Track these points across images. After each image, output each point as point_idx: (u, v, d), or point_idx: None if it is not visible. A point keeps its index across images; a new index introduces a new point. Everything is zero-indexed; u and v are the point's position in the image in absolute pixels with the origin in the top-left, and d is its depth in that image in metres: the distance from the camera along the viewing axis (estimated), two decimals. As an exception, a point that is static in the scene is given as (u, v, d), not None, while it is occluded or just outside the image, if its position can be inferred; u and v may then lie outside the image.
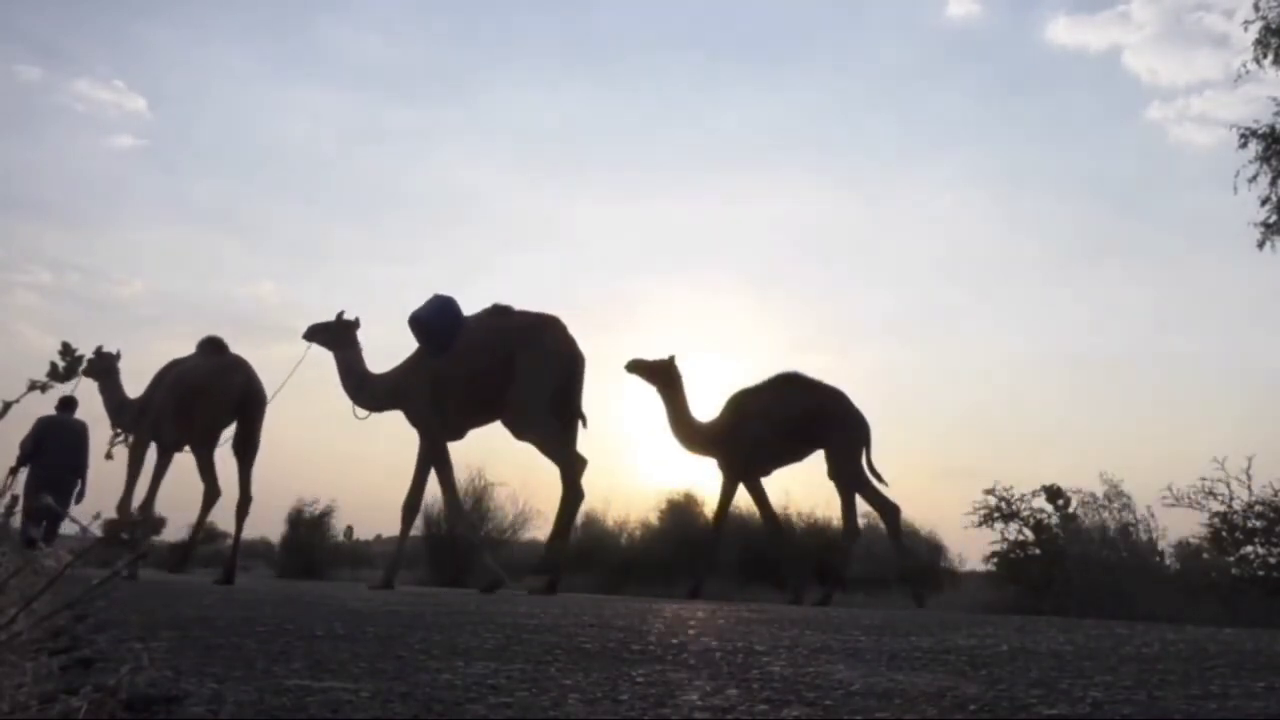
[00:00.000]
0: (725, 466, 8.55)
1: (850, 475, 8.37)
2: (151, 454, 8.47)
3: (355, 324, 8.31)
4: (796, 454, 8.62)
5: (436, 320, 7.62)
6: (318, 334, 8.26)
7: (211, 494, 8.31)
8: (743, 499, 10.70)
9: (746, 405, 8.56)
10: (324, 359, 8.26)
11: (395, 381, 7.88)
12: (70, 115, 37.50)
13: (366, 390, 8.02)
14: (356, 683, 1.73)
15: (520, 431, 7.43)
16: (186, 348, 8.85)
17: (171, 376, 8.45)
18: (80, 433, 8.82)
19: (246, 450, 8.21)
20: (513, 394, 7.29)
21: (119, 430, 8.60)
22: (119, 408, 8.70)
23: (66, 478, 8.56)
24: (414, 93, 40.44)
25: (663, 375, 8.51)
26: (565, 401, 7.42)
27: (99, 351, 8.63)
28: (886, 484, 8.39)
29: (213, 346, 8.49)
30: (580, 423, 7.55)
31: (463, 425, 7.69)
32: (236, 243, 39.63)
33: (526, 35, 38.63)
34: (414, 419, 7.72)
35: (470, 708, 1.50)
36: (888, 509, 8.36)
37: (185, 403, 8.13)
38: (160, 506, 8.58)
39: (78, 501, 8.66)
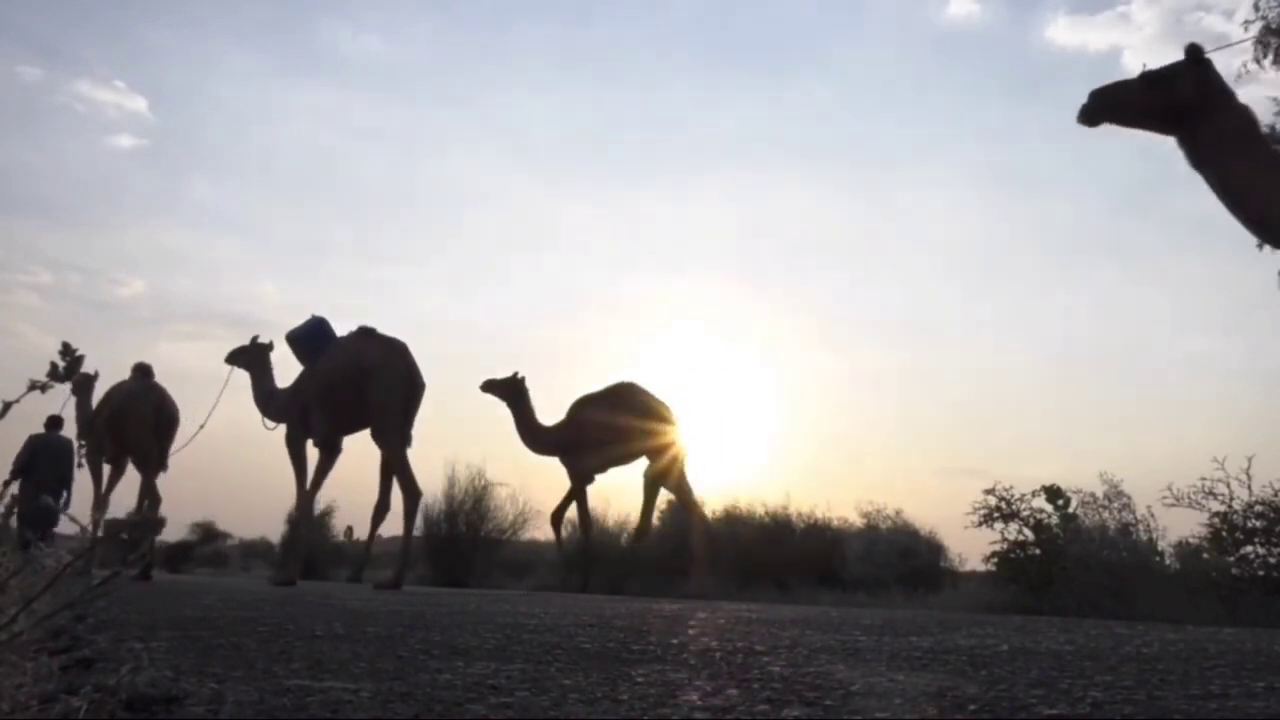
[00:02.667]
0: (568, 465, 9.71)
1: (675, 477, 9.67)
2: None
3: (269, 346, 9.49)
4: (627, 457, 9.71)
5: (304, 339, 8.84)
6: (238, 357, 9.49)
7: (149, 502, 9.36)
8: (743, 501, 10.67)
9: (585, 410, 9.70)
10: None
11: (287, 396, 8.99)
12: (71, 115, 37.52)
13: (273, 405, 9.12)
14: (356, 683, 1.73)
15: (378, 442, 8.40)
16: (187, 348, 9.71)
17: (111, 399, 9.64)
18: (66, 449, 9.80)
19: (150, 467, 9.20)
20: (370, 409, 8.29)
21: (83, 443, 9.72)
22: (84, 422, 9.82)
23: (55, 489, 9.53)
24: (414, 93, 40.46)
25: (510, 391, 9.75)
26: (404, 418, 8.43)
27: (81, 373, 9.32)
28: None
29: (140, 372, 9.59)
30: (409, 441, 8.50)
31: (330, 433, 8.65)
32: (236, 243, 39.64)
33: (526, 35, 38.65)
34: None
35: (470, 708, 1.50)
36: (697, 509, 10.04)
37: (113, 424, 9.28)
38: (168, 509, 9.47)
39: (64, 509, 9.57)
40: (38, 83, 36.75)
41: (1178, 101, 4.43)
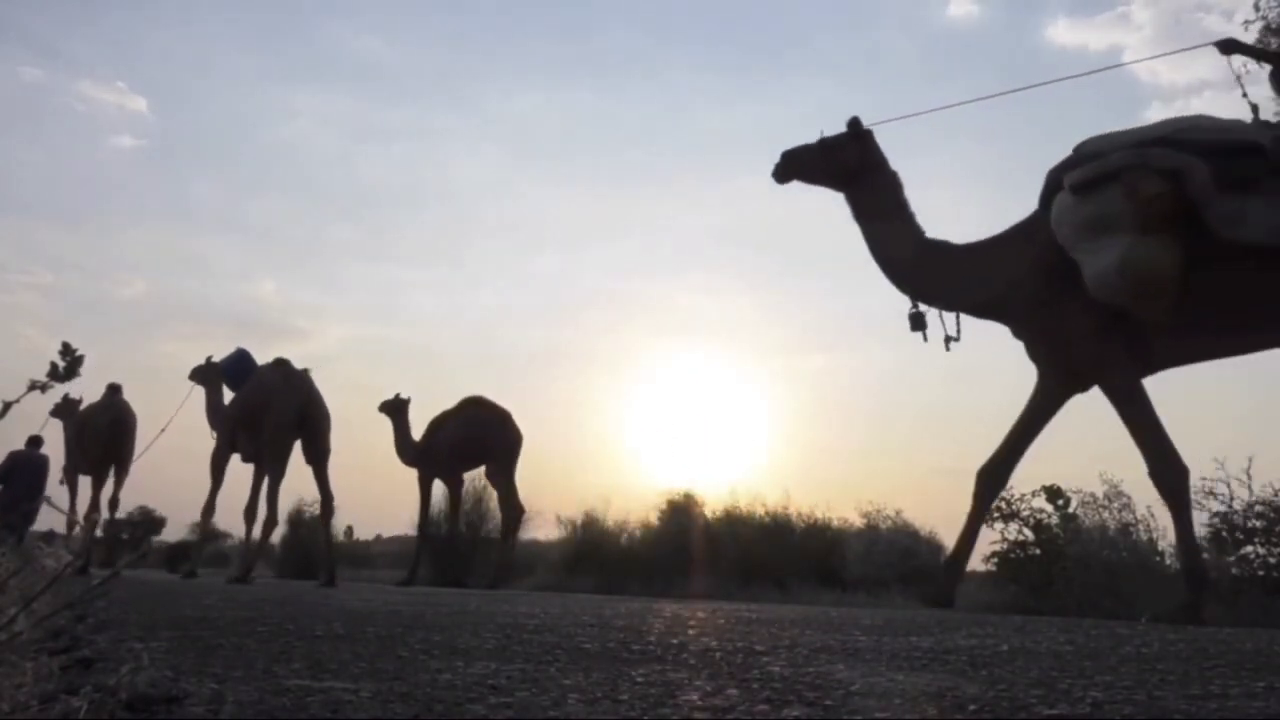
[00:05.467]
0: (423, 473, 11.29)
1: (506, 479, 11.15)
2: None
3: (220, 366, 10.54)
4: (477, 461, 11.30)
5: (231, 368, 10.07)
6: (196, 374, 10.61)
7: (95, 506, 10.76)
8: (743, 501, 10.67)
9: (440, 422, 11.24)
10: (321, 359, 9.32)
11: (224, 415, 9.97)
12: (72, 116, 37.61)
13: (219, 417, 10.17)
14: (356, 683, 1.73)
15: (260, 459, 9.51)
16: (187, 348, 10.50)
17: (82, 416, 10.83)
18: (41, 466, 10.99)
19: (118, 471, 10.60)
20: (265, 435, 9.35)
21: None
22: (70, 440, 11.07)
23: (29, 500, 10.51)
24: (414, 93, 40.50)
25: (394, 410, 11.38)
26: (310, 442, 9.40)
27: (66, 397, 11.06)
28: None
29: (109, 390, 10.78)
30: (324, 459, 9.47)
31: (255, 452, 9.60)
32: (236, 243, 39.67)
33: (526, 36, 38.67)
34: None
35: (470, 708, 1.50)
36: (516, 511, 11.23)
37: (80, 438, 10.63)
38: (169, 510, 10.52)
39: (31, 521, 10.56)
40: (39, 83, 36.84)
41: (842, 165, 5.37)
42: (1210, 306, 4.44)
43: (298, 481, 10.47)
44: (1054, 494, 8.57)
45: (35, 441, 11.19)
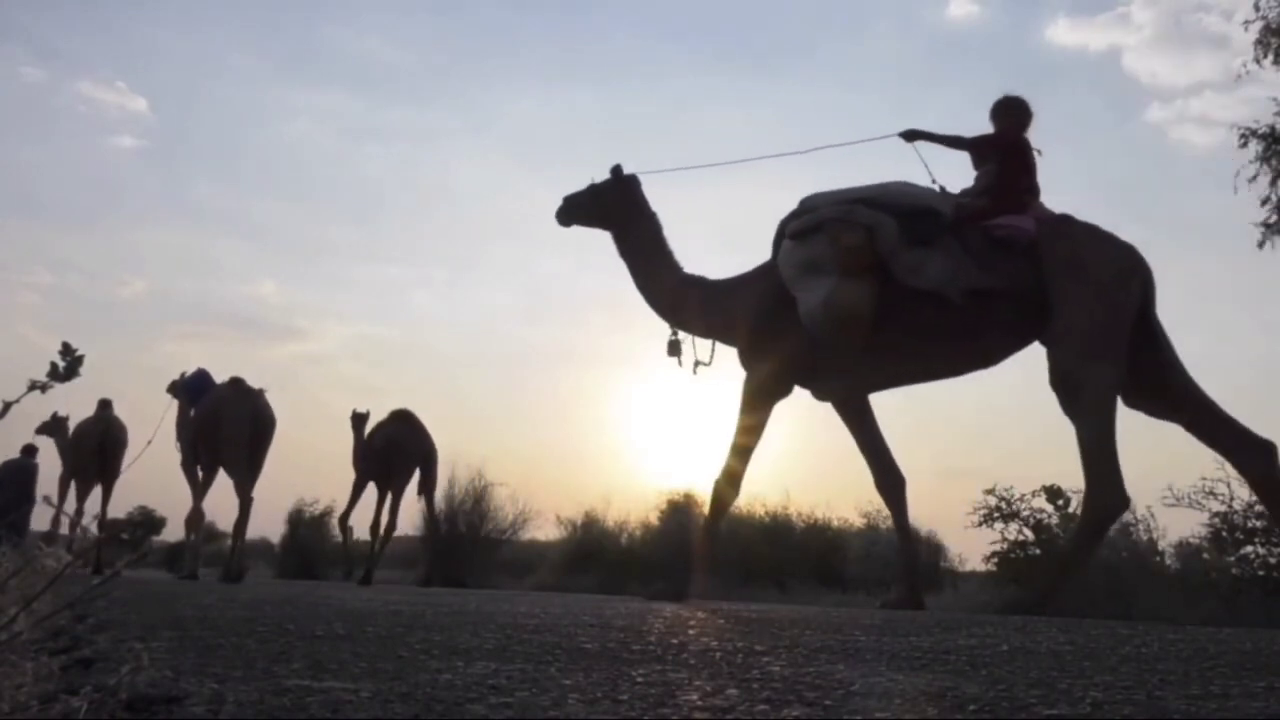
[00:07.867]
0: (376, 483, 11.65)
1: (429, 489, 11.67)
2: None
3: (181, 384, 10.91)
4: (403, 474, 11.63)
5: (190, 384, 10.45)
6: (171, 389, 10.85)
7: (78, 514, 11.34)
8: (743, 501, 10.63)
9: (372, 435, 11.69)
10: (321, 359, 9.38)
11: (187, 429, 10.40)
12: (72, 116, 37.65)
13: (183, 431, 10.55)
14: (356, 683, 1.73)
15: (227, 472, 9.96)
16: (188, 348, 10.72)
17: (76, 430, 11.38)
18: (31, 473, 11.62)
19: (106, 479, 11.15)
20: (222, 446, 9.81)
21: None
22: (63, 452, 11.54)
23: (20, 505, 11.08)
24: (414, 93, 40.53)
25: (356, 423, 11.76)
26: (253, 451, 9.86)
27: (54, 416, 11.52)
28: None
29: (99, 405, 11.29)
30: (258, 468, 9.95)
31: (211, 463, 10.09)
32: (236, 243, 39.70)
33: (526, 35, 38.70)
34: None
35: (470, 708, 1.50)
36: (387, 528, 11.73)
37: (74, 449, 11.17)
38: (169, 510, 10.86)
39: (23, 528, 11.10)
40: (40, 84, 36.90)
41: (607, 208, 5.87)
42: (898, 340, 5.12)
43: (297, 481, 10.50)
44: (1054, 494, 8.58)
45: (30, 451, 11.74)
